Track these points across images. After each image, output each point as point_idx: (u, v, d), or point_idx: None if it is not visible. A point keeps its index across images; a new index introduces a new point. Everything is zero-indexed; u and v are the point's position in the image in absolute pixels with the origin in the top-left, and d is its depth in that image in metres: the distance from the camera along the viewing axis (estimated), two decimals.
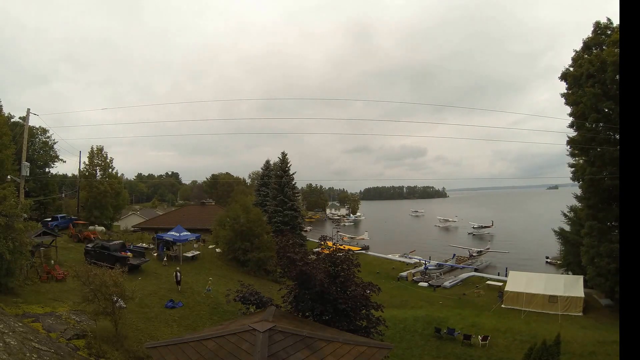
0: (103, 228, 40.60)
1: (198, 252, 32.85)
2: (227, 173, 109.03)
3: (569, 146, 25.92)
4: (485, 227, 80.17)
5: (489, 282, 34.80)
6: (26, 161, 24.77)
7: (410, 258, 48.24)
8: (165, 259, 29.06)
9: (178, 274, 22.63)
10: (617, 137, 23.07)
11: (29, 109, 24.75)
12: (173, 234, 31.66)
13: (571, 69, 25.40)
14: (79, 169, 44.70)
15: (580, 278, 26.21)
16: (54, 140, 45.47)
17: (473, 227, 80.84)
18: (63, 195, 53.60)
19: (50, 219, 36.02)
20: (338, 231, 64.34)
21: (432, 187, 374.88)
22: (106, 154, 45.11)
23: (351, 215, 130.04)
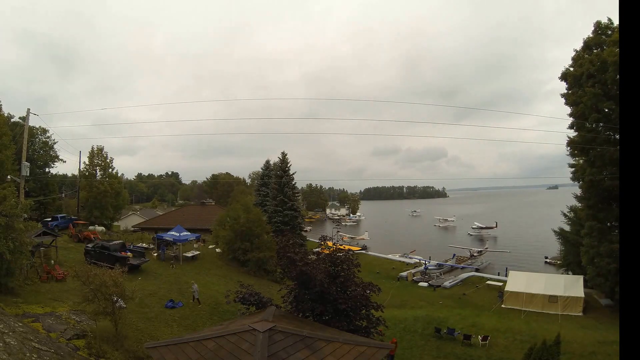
0: (103, 228, 40.61)
1: (198, 252, 32.85)
2: (227, 173, 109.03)
3: (569, 146, 25.90)
4: (489, 228, 79.48)
5: (489, 282, 34.80)
6: (26, 161, 24.77)
7: (410, 258, 48.22)
8: (173, 262, 28.92)
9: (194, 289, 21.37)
10: (617, 137, 23.06)
11: (29, 109, 24.78)
12: (173, 234, 31.66)
13: (571, 69, 25.37)
14: (79, 169, 44.73)
15: (580, 278, 26.21)
16: (54, 140, 45.55)
17: (472, 228, 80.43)
18: (63, 195, 53.60)
19: (50, 219, 36.02)
20: (338, 231, 64.17)
21: (432, 187, 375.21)
22: (106, 154, 45.19)
23: (351, 215, 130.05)
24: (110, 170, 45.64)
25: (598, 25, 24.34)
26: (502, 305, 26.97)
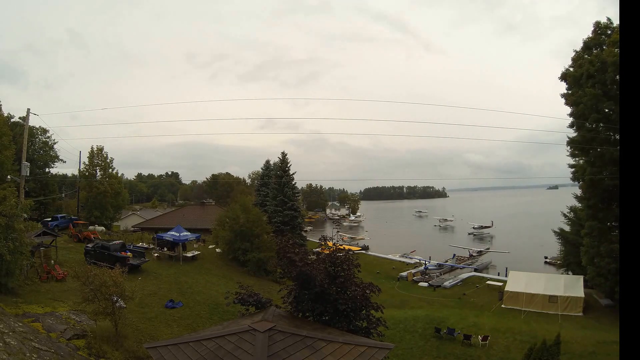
0: (103, 228, 40.60)
1: (198, 252, 32.86)
2: (227, 173, 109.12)
3: (569, 146, 25.91)
4: (485, 227, 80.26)
5: (489, 282, 34.79)
6: (26, 161, 24.77)
7: (410, 258, 48.20)
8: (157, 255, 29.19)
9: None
10: (617, 137, 23.06)
11: (29, 109, 24.77)
12: (173, 234, 31.66)
13: (571, 69, 25.37)
14: (79, 169, 44.72)
15: (580, 278, 26.21)
16: (54, 140, 45.58)
17: (473, 228, 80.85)
18: (63, 195, 53.61)
19: (50, 219, 36.07)
20: (338, 231, 64.42)
21: (432, 187, 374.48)
22: (106, 154, 45.16)
23: (351, 215, 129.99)
24: (110, 170, 45.64)
25: (597, 25, 24.33)
26: (502, 305, 26.98)
